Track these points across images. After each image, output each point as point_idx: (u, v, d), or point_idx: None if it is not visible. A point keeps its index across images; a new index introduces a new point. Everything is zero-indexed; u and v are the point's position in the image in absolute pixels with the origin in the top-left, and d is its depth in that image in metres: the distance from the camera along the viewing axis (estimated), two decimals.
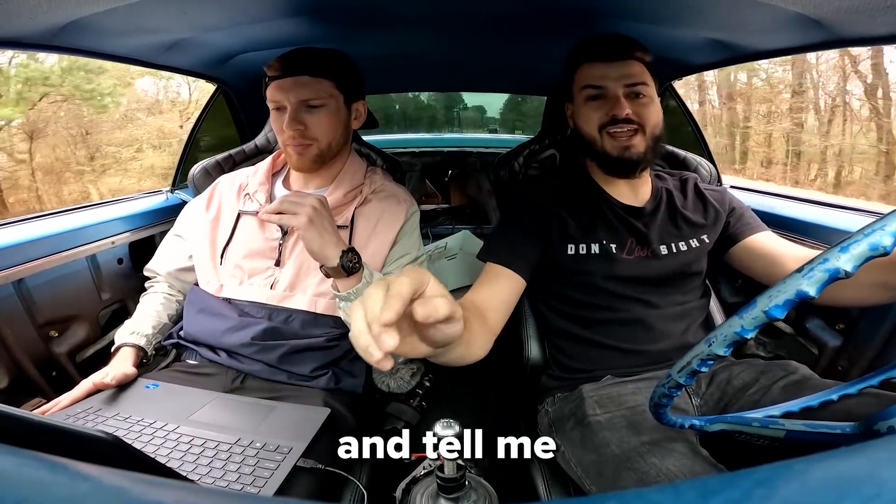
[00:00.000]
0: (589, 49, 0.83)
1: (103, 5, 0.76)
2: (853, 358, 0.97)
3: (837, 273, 0.34)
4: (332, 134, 0.87)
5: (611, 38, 0.82)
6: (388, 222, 0.91)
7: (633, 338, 0.82)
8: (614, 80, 0.80)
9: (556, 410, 0.82)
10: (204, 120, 1.60)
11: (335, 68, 0.86)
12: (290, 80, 0.83)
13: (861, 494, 0.16)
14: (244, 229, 0.92)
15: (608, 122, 0.81)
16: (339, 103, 0.87)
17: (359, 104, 0.92)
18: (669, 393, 0.49)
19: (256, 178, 0.95)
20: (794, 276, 0.36)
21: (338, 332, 0.89)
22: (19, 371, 0.97)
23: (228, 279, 0.91)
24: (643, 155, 0.81)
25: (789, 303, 0.36)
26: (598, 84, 0.81)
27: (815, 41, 0.91)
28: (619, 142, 0.81)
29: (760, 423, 0.54)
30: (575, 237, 0.83)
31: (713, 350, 0.42)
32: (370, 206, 0.92)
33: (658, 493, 0.17)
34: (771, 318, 0.37)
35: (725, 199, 0.91)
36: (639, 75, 0.80)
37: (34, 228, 1.06)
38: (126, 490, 0.17)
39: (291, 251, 0.90)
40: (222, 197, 0.98)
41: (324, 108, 0.85)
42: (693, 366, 0.44)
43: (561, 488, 0.77)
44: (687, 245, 0.85)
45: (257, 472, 0.63)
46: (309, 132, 0.85)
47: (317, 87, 0.84)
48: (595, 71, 0.81)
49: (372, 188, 0.94)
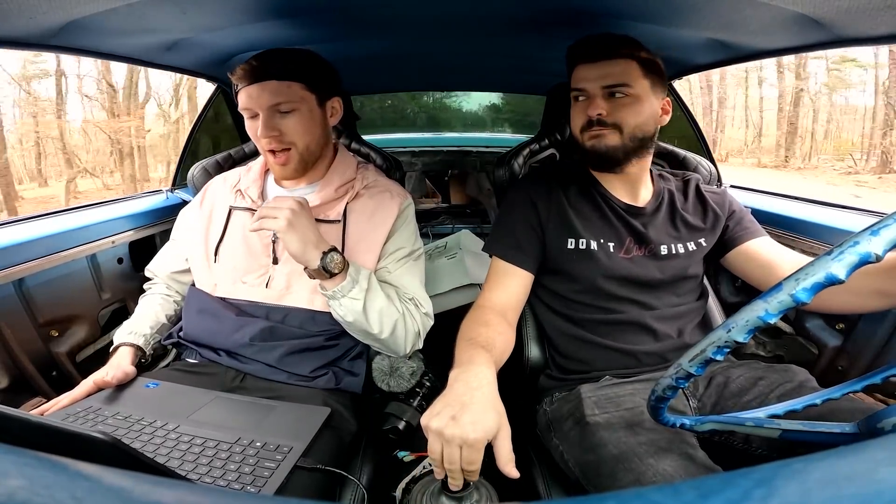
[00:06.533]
0: (577, 51, 0.83)
1: (103, 5, 0.76)
2: (853, 358, 0.97)
3: (868, 256, 0.33)
4: (308, 136, 0.86)
5: (595, 39, 0.81)
6: (382, 216, 0.91)
7: (631, 339, 0.82)
8: (593, 82, 0.80)
9: (554, 410, 0.82)
10: (204, 119, 1.60)
11: (303, 69, 0.84)
12: (257, 87, 0.81)
13: (860, 494, 0.16)
14: (237, 226, 0.92)
15: (585, 123, 0.82)
16: (312, 104, 0.86)
17: (333, 101, 0.90)
18: (677, 384, 0.47)
19: (250, 176, 0.95)
20: (822, 259, 0.35)
21: (336, 330, 0.88)
22: (19, 371, 0.97)
23: (223, 278, 0.91)
24: (616, 151, 0.81)
25: (817, 286, 0.35)
26: (580, 87, 0.82)
27: (815, 41, 0.91)
28: (594, 141, 0.82)
29: (755, 423, 0.53)
30: (575, 232, 0.84)
31: (732, 336, 0.40)
32: (362, 200, 0.92)
33: (657, 492, 0.17)
34: (797, 303, 0.36)
35: (726, 201, 0.90)
36: (619, 75, 0.79)
37: (34, 228, 1.06)
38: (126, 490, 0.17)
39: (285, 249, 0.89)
40: (215, 195, 0.98)
41: (296, 111, 0.83)
42: (708, 353, 0.42)
43: (560, 488, 0.77)
44: (685, 248, 0.85)
45: (257, 472, 0.63)
46: (285, 137, 0.84)
47: (286, 92, 0.82)
48: (580, 73, 0.82)
49: (364, 183, 0.94)
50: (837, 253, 0.34)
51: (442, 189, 2.41)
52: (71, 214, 1.21)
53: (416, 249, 0.95)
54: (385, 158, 1.22)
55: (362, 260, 0.87)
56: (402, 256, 0.91)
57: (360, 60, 1.46)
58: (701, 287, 0.91)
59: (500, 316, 0.77)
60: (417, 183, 2.30)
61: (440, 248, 1.59)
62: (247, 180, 0.95)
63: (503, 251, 0.84)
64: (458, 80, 2.03)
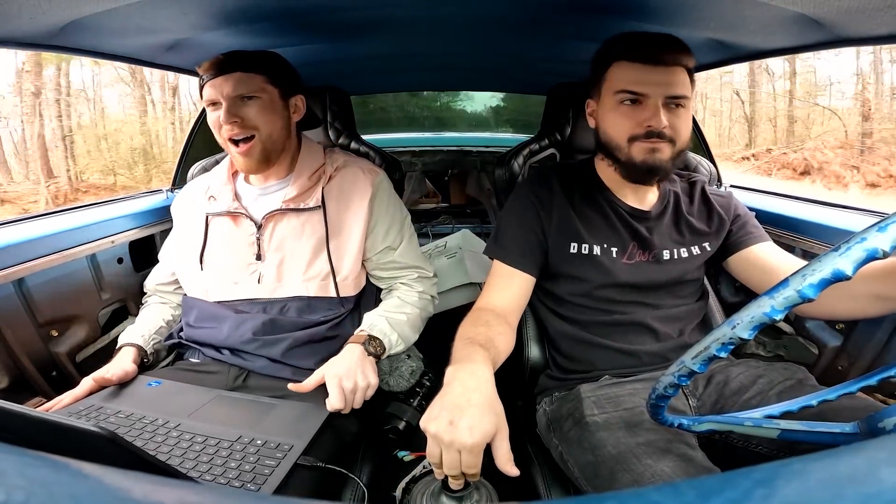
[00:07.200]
0: (630, 47, 0.75)
1: (103, 5, 0.75)
2: (853, 358, 0.97)
3: (875, 252, 0.32)
4: (270, 125, 0.87)
5: (657, 39, 0.74)
6: (359, 195, 0.93)
7: (633, 339, 0.82)
8: (655, 87, 0.73)
9: (553, 410, 0.82)
10: (204, 119, 1.60)
11: (266, 65, 0.87)
12: (221, 79, 0.84)
13: (860, 494, 0.16)
14: (217, 231, 0.93)
15: (642, 134, 0.75)
16: (274, 96, 0.88)
17: (296, 99, 0.93)
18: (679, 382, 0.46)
19: (219, 180, 0.96)
20: (829, 255, 0.34)
21: (336, 316, 0.90)
22: (19, 371, 0.97)
23: (213, 283, 0.92)
24: (667, 165, 0.77)
25: (824, 282, 0.34)
26: (637, 90, 0.74)
27: (815, 41, 0.91)
28: (647, 154, 0.76)
29: (753, 423, 0.53)
30: (578, 236, 0.83)
31: (737, 333, 0.39)
32: (336, 182, 0.94)
33: (658, 492, 0.17)
34: (804, 299, 0.35)
35: (731, 205, 0.89)
36: (682, 84, 0.74)
37: (34, 228, 1.06)
38: (126, 490, 0.17)
39: (269, 243, 0.90)
40: (192, 204, 0.99)
41: (258, 99, 0.86)
42: (712, 350, 0.41)
43: (560, 488, 0.77)
44: (688, 252, 0.85)
45: (258, 470, 0.63)
46: (247, 122, 0.85)
47: (248, 82, 0.85)
48: (634, 74, 0.74)
49: (334, 166, 0.96)
50: (845, 249, 0.33)
51: (442, 189, 2.41)
52: (71, 214, 1.21)
53: (403, 218, 0.99)
54: (385, 158, 1.22)
55: (347, 237, 0.91)
56: (396, 234, 0.95)
57: (360, 60, 1.45)
58: (702, 288, 0.91)
59: (501, 318, 0.76)
60: (417, 183, 2.30)
61: (440, 248, 1.58)
62: (217, 184, 0.96)
63: (504, 255, 0.83)
64: (458, 80, 2.03)
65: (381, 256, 0.95)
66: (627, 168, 0.79)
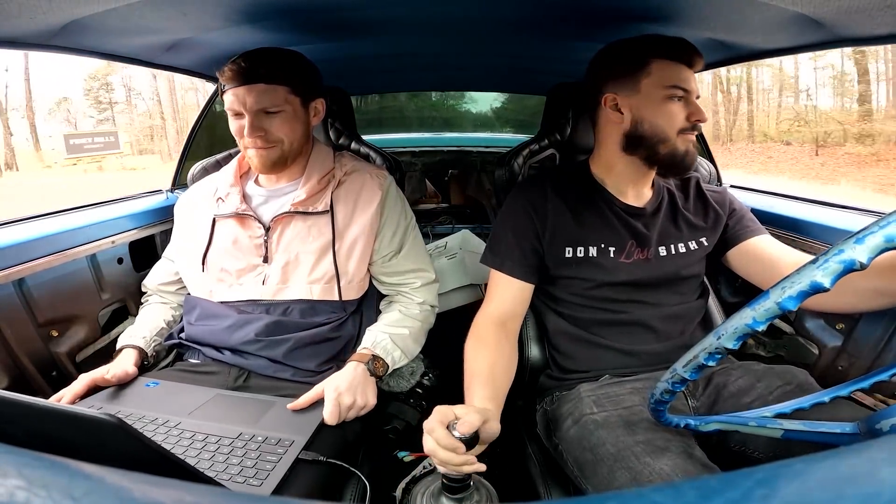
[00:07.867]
0: (673, 47, 0.80)
1: (103, 5, 0.75)
2: (853, 358, 0.97)
3: (853, 264, 0.33)
4: (293, 135, 0.89)
5: (688, 45, 0.80)
6: (367, 199, 0.93)
7: (631, 338, 0.82)
8: (692, 84, 0.80)
9: (554, 410, 0.82)
10: (204, 119, 1.60)
11: (289, 73, 0.86)
12: (244, 89, 0.83)
13: (861, 494, 0.16)
14: (222, 232, 0.93)
15: (689, 127, 0.80)
16: (296, 106, 0.88)
17: (317, 102, 0.93)
18: (673, 388, 0.48)
19: (227, 182, 0.96)
20: (808, 268, 0.35)
21: (339, 318, 0.91)
22: (19, 371, 0.97)
23: (216, 284, 0.92)
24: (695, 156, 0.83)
25: (803, 294, 0.35)
26: (685, 87, 0.79)
27: (815, 41, 0.91)
28: (689, 145, 0.81)
29: (757, 423, 0.53)
30: (574, 239, 0.83)
31: (722, 343, 0.41)
32: (345, 187, 0.94)
33: (658, 492, 0.17)
34: (783, 311, 0.36)
35: (726, 200, 0.90)
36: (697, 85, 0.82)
37: (34, 228, 1.06)
38: (125, 490, 0.17)
39: (277, 246, 0.91)
40: (194, 206, 0.99)
41: (281, 113, 0.86)
42: (700, 360, 0.43)
43: (560, 488, 0.77)
44: (686, 247, 0.85)
45: (259, 466, 0.63)
46: (270, 136, 0.86)
47: (272, 95, 0.84)
48: (681, 73, 0.79)
49: (343, 170, 0.96)
50: (822, 261, 0.34)
51: (442, 189, 2.41)
52: (71, 214, 1.21)
53: (409, 221, 1.00)
54: (385, 158, 1.22)
55: (354, 242, 0.91)
56: (401, 237, 0.96)
57: (360, 60, 1.45)
58: (702, 286, 0.91)
59: (501, 327, 0.79)
60: (417, 183, 2.30)
61: (440, 249, 1.58)
62: (225, 186, 0.96)
63: (500, 263, 0.84)
64: (458, 80, 2.03)
65: (385, 260, 0.95)
66: (667, 160, 0.80)
